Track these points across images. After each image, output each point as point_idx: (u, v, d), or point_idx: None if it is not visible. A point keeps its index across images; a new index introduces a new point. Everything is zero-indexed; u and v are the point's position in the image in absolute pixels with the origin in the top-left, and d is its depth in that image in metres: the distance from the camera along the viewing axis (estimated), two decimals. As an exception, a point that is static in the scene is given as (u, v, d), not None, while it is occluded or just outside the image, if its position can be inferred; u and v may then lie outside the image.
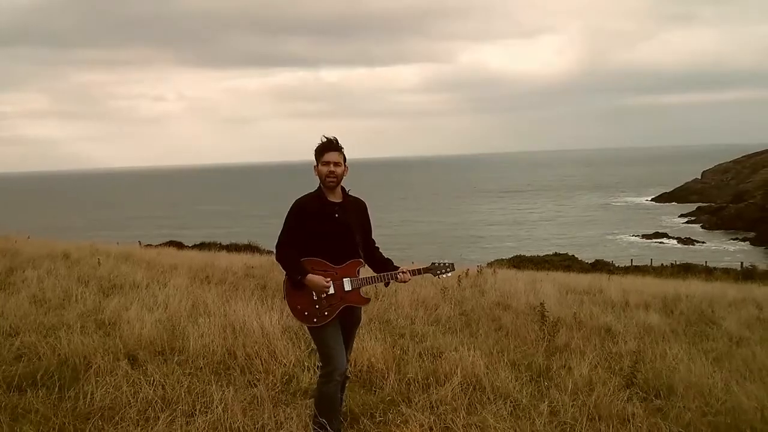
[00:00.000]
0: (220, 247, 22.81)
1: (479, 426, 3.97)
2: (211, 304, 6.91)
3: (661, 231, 58.56)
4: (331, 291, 3.67)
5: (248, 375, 4.86)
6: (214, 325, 5.83)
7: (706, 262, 32.13)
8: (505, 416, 4.08)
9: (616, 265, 29.31)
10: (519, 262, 26.29)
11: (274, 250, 3.77)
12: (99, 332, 5.72)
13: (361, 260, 3.79)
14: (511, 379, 4.86)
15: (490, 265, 21.65)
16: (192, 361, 5.07)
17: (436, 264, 3.97)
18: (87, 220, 76.69)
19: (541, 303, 7.12)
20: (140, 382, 4.40)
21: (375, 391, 4.68)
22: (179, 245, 25.25)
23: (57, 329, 5.61)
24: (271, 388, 4.57)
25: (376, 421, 4.13)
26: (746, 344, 7.10)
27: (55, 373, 4.51)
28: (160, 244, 24.37)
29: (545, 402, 4.37)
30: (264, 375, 4.82)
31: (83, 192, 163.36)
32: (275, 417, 4.01)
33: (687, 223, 64.84)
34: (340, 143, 3.74)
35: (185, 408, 4.10)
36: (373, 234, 3.97)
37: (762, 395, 4.51)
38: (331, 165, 3.69)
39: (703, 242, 53.69)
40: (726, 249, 50.58)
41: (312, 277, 3.63)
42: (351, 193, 3.87)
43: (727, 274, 24.74)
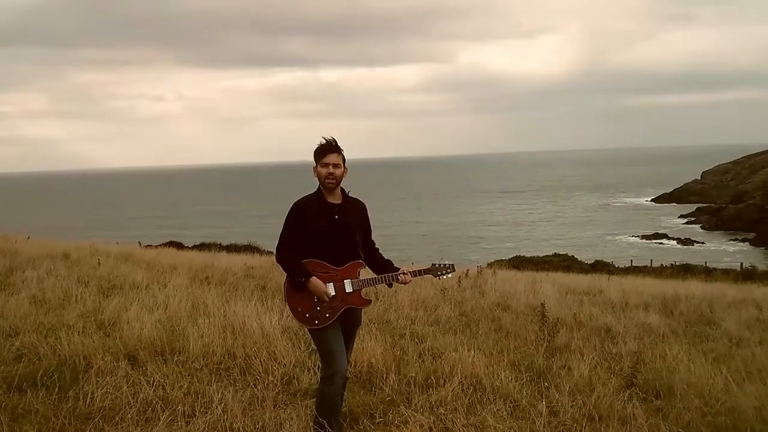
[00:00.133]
0: (220, 248, 22.80)
1: (479, 426, 3.97)
2: (211, 304, 6.91)
3: (660, 231, 58.55)
4: (332, 293, 3.66)
5: (248, 375, 4.86)
6: (214, 325, 5.84)
7: (705, 262, 32.12)
8: (505, 417, 4.09)
9: (616, 266, 29.31)
10: (519, 263, 26.30)
11: (275, 252, 3.77)
12: (99, 333, 5.73)
13: (362, 261, 3.78)
14: (511, 379, 4.86)
15: (489, 265, 21.65)
16: (192, 362, 5.07)
17: (437, 265, 3.97)
18: (87, 220, 76.64)
19: (541, 303, 7.12)
20: (140, 383, 4.40)
21: (375, 391, 4.68)
22: (179, 245, 25.27)
23: (57, 329, 5.61)
24: (271, 389, 4.57)
25: (376, 421, 4.13)
26: (746, 345, 7.09)
27: (55, 374, 4.51)
28: (160, 245, 24.37)
29: (545, 402, 4.37)
30: (264, 375, 4.82)
31: (83, 192, 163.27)
32: (275, 417, 4.01)
33: (687, 223, 64.85)
34: (339, 145, 3.74)
35: (185, 408, 4.10)
36: (373, 235, 3.96)
37: (762, 396, 4.51)
38: (330, 167, 3.69)
39: (702, 243, 53.69)
40: (726, 249, 50.59)
41: (315, 283, 3.62)
42: (351, 194, 3.86)
43: (727, 274, 24.73)
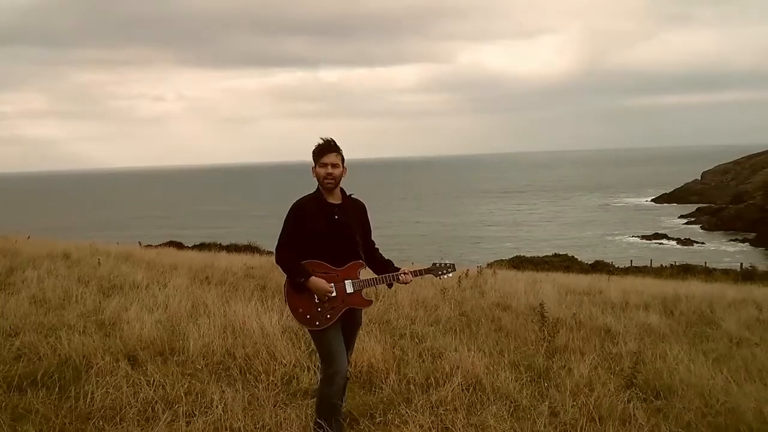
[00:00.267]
0: (220, 248, 22.80)
1: (479, 427, 3.97)
2: (211, 304, 6.91)
3: (660, 232, 58.53)
4: (333, 293, 3.64)
5: (248, 375, 4.86)
6: (214, 325, 5.84)
7: (705, 262, 32.13)
8: (506, 417, 4.08)
9: (616, 266, 29.31)
10: (519, 263, 26.31)
11: (274, 252, 3.75)
12: (99, 332, 5.73)
13: (362, 262, 3.76)
14: (511, 379, 4.86)
15: (489, 265, 21.65)
16: (192, 362, 5.07)
17: (437, 265, 3.96)
18: (87, 220, 76.65)
19: (540, 304, 7.12)
20: (140, 383, 4.40)
21: (375, 391, 4.68)
22: (179, 245, 25.27)
23: (57, 329, 5.61)
24: (271, 389, 4.57)
25: (376, 421, 4.13)
26: (746, 345, 7.10)
27: (55, 374, 4.52)
28: (160, 245, 24.38)
29: (545, 403, 4.37)
30: (264, 375, 4.82)
31: (83, 192, 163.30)
32: (275, 417, 4.01)
33: (687, 223, 64.84)
34: (338, 144, 3.71)
35: (185, 408, 4.10)
36: (373, 235, 3.95)
37: (761, 396, 4.51)
38: (329, 167, 3.67)
39: (702, 243, 53.68)
40: (726, 250, 50.59)
41: (316, 281, 3.60)
42: (351, 196, 3.84)
43: (727, 274, 24.75)
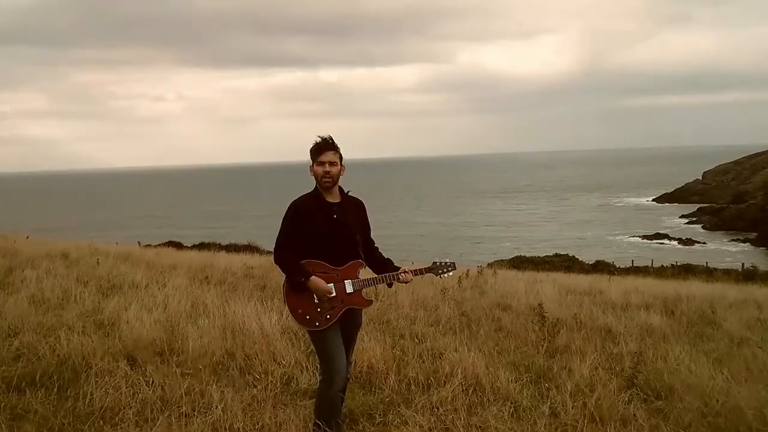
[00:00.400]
0: (220, 248, 22.80)
1: (480, 427, 3.95)
2: (211, 304, 6.90)
3: (661, 232, 58.52)
4: (333, 293, 3.59)
5: (248, 376, 4.85)
6: (214, 325, 5.82)
7: (706, 262, 32.09)
8: (506, 418, 4.07)
9: (617, 266, 29.29)
10: (519, 263, 26.30)
11: (273, 253, 3.71)
12: (98, 332, 5.71)
13: (362, 261, 3.72)
14: (512, 380, 4.84)
15: (490, 265, 21.65)
16: (191, 362, 5.05)
17: (438, 263, 3.93)
18: (86, 219, 76.66)
19: (539, 304, 7.10)
20: (139, 383, 4.39)
21: (375, 391, 4.66)
22: (178, 245, 25.28)
23: (56, 329, 5.60)
24: (271, 389, 4.56)
25: (376, 422, 4.12)
26: (747, 345, 7.08)
27: (54, 374, 4.51)
28: (160, 245, 24.39)
29: (546, 403, 4.35)
30: (263, 376, 4.80)
31: (83, 192, 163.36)
32: (275, 418, 4.00)
33: (688, 223, 64.84)
34: (335, 142, 3.66)
35: (185, 409, 4.09)
36: (372, 234, 3.92)
37: (762, 396, 4.49)
38: (327, 165, 3.61)
39: (703, 243, 53.67)
40: (727, 250, 50.57)
41: (315, 281, 3.55)
42: (350, 194, 3.81)
43: (728, 274, 24.73)
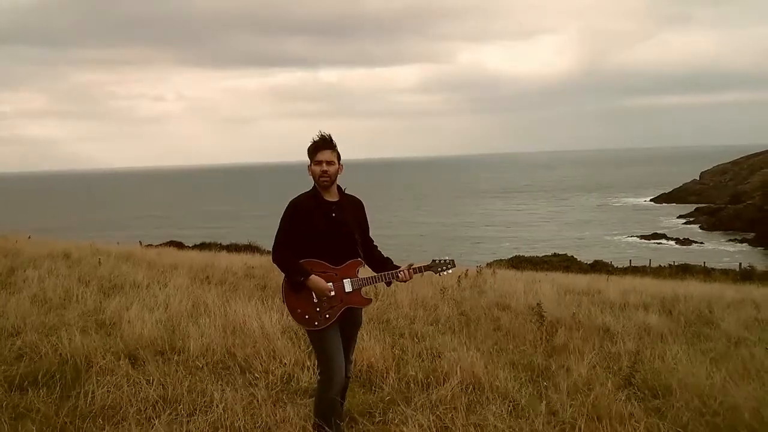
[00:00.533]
0: (221, 248, 22.79)
1: (479, 426, 3.98)
2: (212, 304, 6.93)
3: (659, 232, 58.54)
4: (332, 293, 3.58)
5: (248, 375, 4.88)
6: (215, 325, 5.86)
7: (704, 262, 32.13)
8: (505, 416, 4.09)
9: (615, 266, 29.32)
10: (518, 263, 26.32)
11: (271, 252, 3.70)
12: (100, 332, 5.75)
13: (361, 260, 3.70)
14: (510, 379, 4.88)
15: (489, 265, 21.68)
16: (192, 361, 5.09)
17: (437, 261, 3.90)
18: (87, 220, 76.58)
19: (537, 303, 7.13)
20: (141, 382, 4.42)
21: (374, 390, 4.69)
22: (179, 245, 25.27)
23: (58, 329, 5.63)
24: (271, 388, 4.59)
25: (376, 420, 4.14)
26: (744, 345, 7.11)
27: (56, 373, 4.54)
28: (161, 244, 24.37)
29: (544, 402, 4.37)
30: (264, 375, 4.84)
31: (83, 192, 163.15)
32: (275, 416, 4.03)
33: (685, 223, 64.87)
34: (333, 141, 3.62)
35: (186, 407, 4.12)
36: (372, 234, 3.90)
37: (760, 396, 4.53)
38: (324, 164, 3.59)
39: (701, 243, 53.70)
40: (724, 250, 50.61)
41: (315, 280, 3.54)
42: (348, 193, 3.77)
43: (726, 274, 24.75)
